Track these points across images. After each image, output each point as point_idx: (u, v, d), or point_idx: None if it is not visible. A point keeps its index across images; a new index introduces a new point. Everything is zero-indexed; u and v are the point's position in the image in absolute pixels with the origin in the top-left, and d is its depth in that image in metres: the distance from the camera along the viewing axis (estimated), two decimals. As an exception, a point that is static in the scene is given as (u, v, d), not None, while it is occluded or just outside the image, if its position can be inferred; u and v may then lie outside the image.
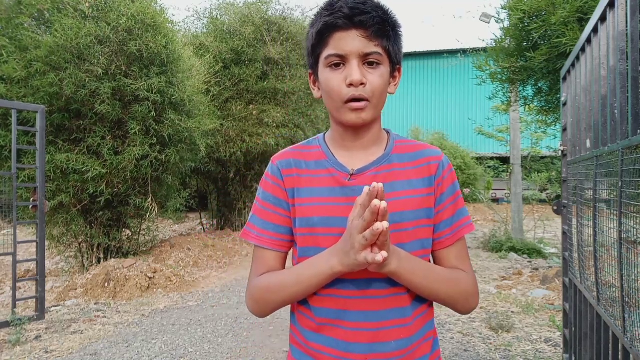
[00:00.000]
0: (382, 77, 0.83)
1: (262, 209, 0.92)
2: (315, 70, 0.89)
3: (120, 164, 4.98)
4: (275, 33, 7.89)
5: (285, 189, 0.90)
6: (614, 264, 1.39)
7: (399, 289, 0.84)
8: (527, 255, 6.73)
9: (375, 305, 0.83)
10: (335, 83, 0.82)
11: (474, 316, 3.96)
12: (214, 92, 7.29)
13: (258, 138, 7.70)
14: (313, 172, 0.90)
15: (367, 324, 0.83)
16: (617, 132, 1.36)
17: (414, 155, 0.91)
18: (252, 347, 3.35)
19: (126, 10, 4.85)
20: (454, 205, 0.90)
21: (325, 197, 0.86)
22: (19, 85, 4.61)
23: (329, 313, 0.85)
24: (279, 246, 0.91)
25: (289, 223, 0.90)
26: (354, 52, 0.80)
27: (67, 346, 3.35)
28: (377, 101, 0.84)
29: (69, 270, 5.65)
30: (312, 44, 0.86)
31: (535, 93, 4.48)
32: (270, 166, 0.94)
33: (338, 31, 0.81)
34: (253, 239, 0.92)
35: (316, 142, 0.94)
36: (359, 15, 0.79)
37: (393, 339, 0.83)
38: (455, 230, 0.90)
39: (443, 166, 0.90)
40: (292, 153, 0.93)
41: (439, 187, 0.89)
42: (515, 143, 7.97)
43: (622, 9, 1.33)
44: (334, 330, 0.85)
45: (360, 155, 0.89)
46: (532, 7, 3.47)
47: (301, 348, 0.90)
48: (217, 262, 6.53)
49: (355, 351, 0.83)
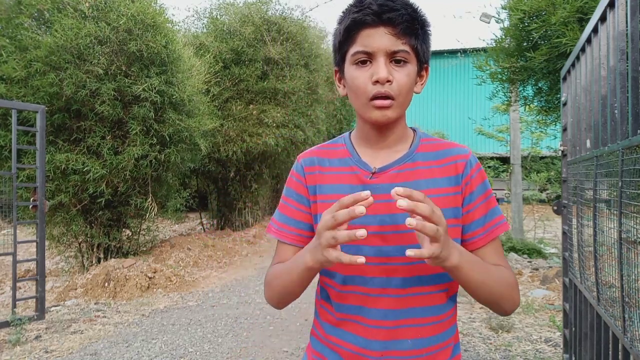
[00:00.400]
0: (408, 76, 0.82)
1: (284, 205, 0.94)
2: (342, 68, 0.88)
3: (120, 163, 4.98)
4: (275, 33, 7.89)
5: (306, 186, 0.92)
6: (614, 264, 1.39)
7: (419, 288, 0.84)
8: (527, 255, 6.73)
9: (394, 304, 0.83)
10: (361, 80, 0.82)
11: (474, 316, 3.96)
12: (214, 92, 7.29)
13: (258, 138, 7.70)
14: (336, 170, 0.90)
15: (385, 322, 0.83)
16: (617, 132, 1.36)
17: (440, 153, 0.89)
18: (252, 347, 3.35)
19: (126, 10, 4.85)
20: (486, 204, 0.88)
21: (345, 194, 0.86)
22: (19, 85, 4.61)
23: (349, 309, 0.86)
24: (298, 241, 0.92)
25: (310, 219, 0.92)
26: (381, 49, 0.80)
27: (67, 346, 3.35)
28: (403, 99, 0.83)
29: (69, 270, 5.65)
30: (339, 41, 0.85)
31: (535, 93, 4.47)
32: (295, 164, 0.96)
33: (366, 28, 0.80)
34: (273, 232, 0.94)
35: (341, 141, 0.95)
36: (388, 12, 0.78)
37: (410, 338, 0.83)
38: (489, 229, 0.87)
39: (471, 165, 0.88)
40: (317, 152, 0.95)
41: (468, 186, 0.87)
42: (515, 143, 7.97)
43: (622, 9, 1.33)
44: (353, 326, 0.86)
45: (384, 154, 0.89)
46: (532, 7, 3.47)
47: (321, 340, 0.92)
48: (217, 262, 6.53)
49: (372, 348, 0.84)
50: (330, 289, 0.90)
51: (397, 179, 0.86)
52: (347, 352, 0.86)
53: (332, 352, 0.89)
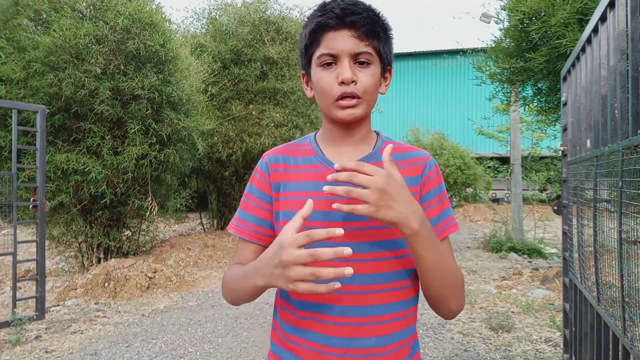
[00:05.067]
0: (373, 77, 0.85)
1: (245, 201, 0.95)
2: (308, 71, 0.91)
3: (121, 164, 4.98)
4: (274, 33, 7.89)
5: (270, 183, 0.92)
6: (614, 264, 1.39)
7: (382, 285, 0.84)
8: (527, 255, 6.74)
9: (356, 300, 0.84)
10: (326, 81, 0.84)
11: (474, 316, 3.96)
12: (213, 92, 7.29)
13: (257, 138, 7.70)
14: (300, 168, 0.92)
15: (347, 319, 0.83)
16: (617, 132, 1.36)
17: (403, 155, 0.92)
18: (252, 347, 3.35)
19: (123, 8, 4.84)
20: (440, 205, 0.91)
21: (309, 192, 0.88)
22: (18, 86, 4.60)
23: (309, 307, 0.85)
24: (257, 238, 0.93)
25: (271, 217, 0.92)
26: (345, 51, 0.82)
27: (67, 346, 3.35)
28: (368, 98, 0.86)
29: (69, 270, 5.64)
30: (305, 44, 0.88)
31: (534, 93, 4.48)
32: (260, 161, 0.96)
33: (330, 31, 0.83)
34: (233, 229, 0.95)
35: (307, 140, 0.97)
36: (350, 15, 0.81)
37: (373, 336, 0.84)
38: (441, 229, 0.90)
39: (430, 166, 0.92)
40: (282, 150, 0.96)
41: (425, 186, 0.91)
42: (515, 143, 7.98)
43: (622, 9, 1.33)
44: (314, 324, 0.85)
45: (349, 152, 0.91)
46: (532, 7, 3.47)
47: (281, 343, 0.91)
48: (217, 262, 6.54)
49: (334, 345, 0.83)
50: None
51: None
52: (308, 351, 0.85)
53: (291, 355, 0.88)
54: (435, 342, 3.38)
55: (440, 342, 3.38)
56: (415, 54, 20.39)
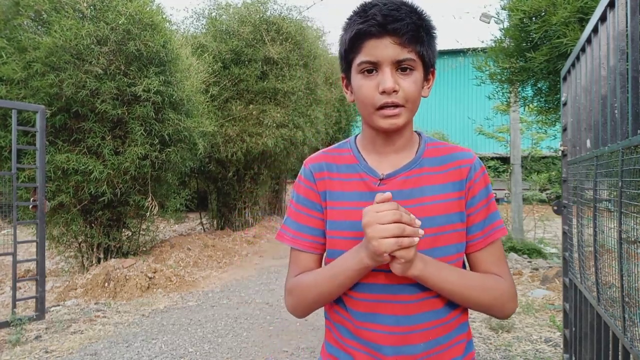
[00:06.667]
0: (415, 83, 0.82)
1: (296, 212, 0.93)
2: (348, 75, 0.88)
3: (123, 164, 4.98)
4: (274, 33, 7.89)
5: (318, 192, 0.91)
6: (614, 264, 1.39)
7: (431, 292, 0.84)
8: (527, 255, 6.73)
9: (406, 310, 0.84)
10: (367, 90, 0.82)
11: (474, 316, 3.96)
12: (214, 92, 7.29)
13: (258, 138, 7.70)
14: (344, 176, 0.90)
15: (397, 328, 0.84)
16: (617, 132, 1.36)
17: (445, 158, 0.90)
18: (252, 347, 3.35)
19: (124, 9, 4.84)
20: (487, 208, 0.90)
21: (355, 202, 0.87)
22: (19, 86, 4.60)
23: (361, 316, 0.86)
24: (314, 248, 0.92)
25: (323, 225, 0.91)
26: (387, 59, 0.80)
27: (67, 346, 3.35)
28: (411, 106, 0.84)
29: (69, 270, 5.64)
30: (344, 50, 0.85)
31: (534, 93, 4.48)
32: (303, 169, 0.95)
33: (371, 38, 0.80)
34: (288, 241, 0.93)
35: (347, 146, 0.95)
36: (393, 22, 0.78)
37: (423, 341, 0.84)
38: (488, 233, 0.89)
39: (475, 169, 0.89)
40: (324, 157, 0.94)
41: (470, 190, 0.88)
42: (515, 143, 7.97)
43: (622, 9, 1.33)
44: (369, 334, 0.86)
45: (391, 160, 0.89)
46: (532, 7, 3.47)
47: (337, 344, 0.92)
48: (217, 262, 6.53)
49: (386, 354, 0.84)
50: (345, 296, 0.89)
51: (405, 185, 0.87)
52: (364, 355, 0.86)
53: (347, 355, 0.89)
54: (435, 342, 3.38)
55: (440, 342, 3.38)
56: (416, 53, 20.36)
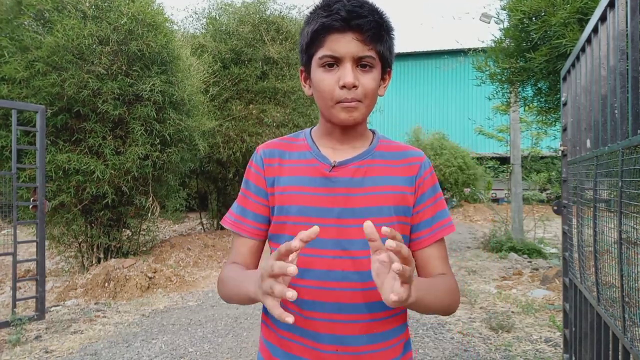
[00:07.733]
0: (374, 80, 0.84)
1: (242, 197, 0.95)
2: (308, 68, 0.89)
3: (124, 164, 4.99)
4: (274, 32, 7.89)
5: (265, 178, 0.92)
6: (613, 264, 1.39)
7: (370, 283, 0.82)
8: (527, 255, 6.73)
9: (348, 298, 0.84)
10: (327, 83, 0.83)
11: (474, 316, 3.96)
12: (214, 92, 7.29)
13: (258, 138, 7.70)
14: (295, 162, 0.91)
15: (339, 316, 0.84)
16: (617, 132, 1.36)
17: (398, 154, 0.93)
18: (252, 347, 3.35)
19: (126, 9, 4.85)
20: (435, 206, 0.92)
21: (304, 187, 0.88)
22: (21, 85, 4.60)
23: (301, 303, 0.86)
24: (254, 234, 0.92)
25: (268, 212, 0.92)
26: (348, 54, 0.81)
27: (67, 346, 3.35)
28: (368, 102, 0.85)
29: (69, 270, 5.65)
30: (306, 43, 0.86)
31: (534, 94, 4.48)
32: (254, 155, 0.96)
33: (334, 33, 0.81)
34: (229, 224, 0.94)
35: (302, 135, 0.97)
36: (356, 18, 0.80)
37: (365, 333, 0.85)
38: (435, 230, 0.91)
39: (425, 167, 0.92)
40: (277, 144, 0.95)
41: (420, 187, 0.91)
42: (515, 143, 7.98)
43: (622, 9, 1.33)
44: (306, 322, 0.85)
45: (344, 150, 0.91)
46: (532, 7, 3.47)
47: (272, 338, 0.93)
48: (217, 262, 6.54)
49: (322, 341, 0.84)
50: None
51: (357, 173, 0.88)
52: (300, 347, 0.86)
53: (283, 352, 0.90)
54: (435, 342, 3.38)
55: (440, 342, 3.38)
56: (415, 54, 20.38)
